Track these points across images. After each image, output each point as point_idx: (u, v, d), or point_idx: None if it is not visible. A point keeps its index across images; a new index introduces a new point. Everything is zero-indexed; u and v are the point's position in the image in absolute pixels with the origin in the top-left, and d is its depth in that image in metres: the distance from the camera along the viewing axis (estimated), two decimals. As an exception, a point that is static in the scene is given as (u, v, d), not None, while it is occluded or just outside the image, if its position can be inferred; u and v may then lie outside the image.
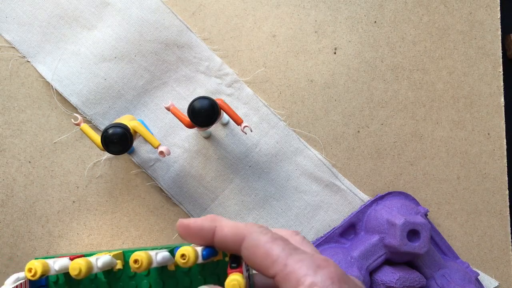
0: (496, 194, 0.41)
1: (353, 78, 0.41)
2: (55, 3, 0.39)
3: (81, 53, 0.39)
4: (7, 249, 0.39)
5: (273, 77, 0.41)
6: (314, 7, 0.41)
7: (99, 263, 0.26)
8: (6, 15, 0.39)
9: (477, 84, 0.41)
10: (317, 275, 0.20)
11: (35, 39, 0.39)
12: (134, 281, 0.28)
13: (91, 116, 0.39)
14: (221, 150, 0.40)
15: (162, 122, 0.40)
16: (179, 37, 0.40)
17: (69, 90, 0.39)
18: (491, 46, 0.41)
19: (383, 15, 0.41)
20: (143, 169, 0.40)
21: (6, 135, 0.39)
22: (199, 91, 0.40)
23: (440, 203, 0.41)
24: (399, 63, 0.41)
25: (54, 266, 0.26)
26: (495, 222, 0.40)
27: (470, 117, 0.41)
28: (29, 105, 0.40)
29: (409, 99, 0.41)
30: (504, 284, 0.40)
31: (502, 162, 0.41)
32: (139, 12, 0.39)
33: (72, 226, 0.39)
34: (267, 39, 0.41)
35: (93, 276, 0.28)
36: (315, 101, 0.41)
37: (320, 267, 0.20)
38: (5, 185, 0.39)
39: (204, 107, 0.32)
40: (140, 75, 0.40)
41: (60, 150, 0.40)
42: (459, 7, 0.41)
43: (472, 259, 0.40)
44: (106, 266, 0.26)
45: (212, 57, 0.40)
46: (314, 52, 0.41)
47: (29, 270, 0.25)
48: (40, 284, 0.28)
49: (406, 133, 0.41)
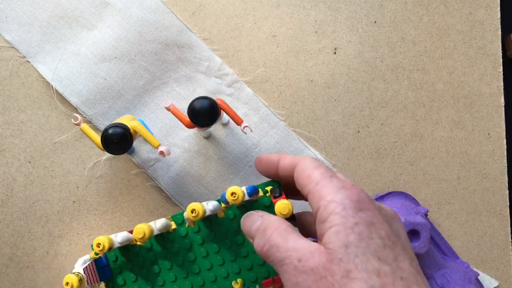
0: (496, 194, 0.41)
1: (353, 78, 0.41)
2: (55, 3, 0.39)
3: (81, 53, 0.39)
4: (7, 249, 0.39)
5: (273, 77, 0.41)
6: (314, 7, 0.41)
7: (157, 225, 0.29)
8: (6, 15, 0.39)
9: (477, 84, 0.41)
10: (338, 194, 0.22)
11: (35, 39, 0.39)
12: (187, 239, 0.31)
13: (91, 116, 0.39)
14: (221, 150, 0.40)
15: (162, 122, 0.40)
16: (179, 37, 0.40)
17: (69, 90, 0.39)
18: (491, 46, 0.41)
19: (383, 15, 0.41)
20: (143, 169, 0.40)
21: (6, 135, 0.39)
22: (199, 91, 0.40)
23: (440, 203, 0.41)
24: (399, 63, 0.41)
25: (116, 239, 0.29)
26: (495, 222, 0.40)
27: (470, 117, 0.41)
28: (29, 105, 0.40)
29: (409, 99, 0.41)
30: (504, 284, 0.40)
31: (502, 162, 0.41)
32: (139, 12, 0.39)
33: (72, 226, 0.39)
34: (267, 39, 0.41)
35: (149, 245, 0.31)
36: (315, 101, 0.41)
37: (344, 188, 0.23)
38: (5, 185, 0.39)
39: (204, 107, 0.31)
40: (140, 75, 0.40)
41: (60, 150, 0.40)
42: (459, 7, 0.41)
43: (472, 259, 0.40)
44: (163, 228, 0.30)
45: (212, 57, 0.40)
46: (314, 52, 0.41)
47: (97, 245, 0.28)
48: (103, 265, 0.31)
49: (406, 133, 0.41)
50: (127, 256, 0.32)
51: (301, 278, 0.22)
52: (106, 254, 0.31)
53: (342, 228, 0.21)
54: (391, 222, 0.23)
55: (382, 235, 0.22)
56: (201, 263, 0.31)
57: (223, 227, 0.31)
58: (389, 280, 0.20)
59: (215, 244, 0.31)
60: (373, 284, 0.20)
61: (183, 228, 0.31)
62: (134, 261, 0.31)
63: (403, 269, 0.21)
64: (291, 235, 0.24)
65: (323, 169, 0.24)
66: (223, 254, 0.31)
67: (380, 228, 0.22)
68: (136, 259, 0.32)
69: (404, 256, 0.22)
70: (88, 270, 0.30)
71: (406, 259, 0.22)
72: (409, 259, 0.22)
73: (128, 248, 0.31)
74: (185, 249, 0.31)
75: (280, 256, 0.23)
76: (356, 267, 0.21)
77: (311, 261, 0.22)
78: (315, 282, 0.21)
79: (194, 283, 0.31)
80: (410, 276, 0.21)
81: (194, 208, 0.28)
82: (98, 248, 0.29)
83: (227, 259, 0.31)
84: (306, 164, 0.25)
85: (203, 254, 0.31)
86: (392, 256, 0.21)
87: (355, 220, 0.22)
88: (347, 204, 0.22)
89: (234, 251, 0.31)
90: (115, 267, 0.32)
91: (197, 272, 0.31)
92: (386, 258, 0.21)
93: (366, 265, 0.21)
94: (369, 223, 0.22)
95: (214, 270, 0.31)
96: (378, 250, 0.21)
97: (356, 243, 0.21)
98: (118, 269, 0.31)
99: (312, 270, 0.21)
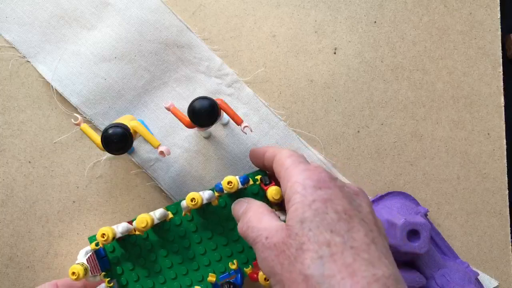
0: (496, 194, 0.41)
1: (353, 78, 0.41)
2: (55, 3, 0.39)
3: (81, 53, 0.39)
4: (7, 249, 0.39)
5: (273, 77, 0.41)
6: (314, 7, 0.41)
7: (156, 215, 0.32)
8: (6, 15, 0.39)
9: (477, 84, 0.41)
10: (300, 175, 0.25)
11: (35, 39, 0.39)
12: (182, 228, 0.33)
13: (91, 116, 0.39)
14: (221, 150, 0.40)
15: (162, 122, 0.40)
16: (179, 37, 0.40)
17: (69, 90, 0.39)
18: (491, 46, 0.41)
19: (383, 15, 0.41)
20: (143, 169, 0.40)
21: (6, 135, 0.39)
22: (199, 91, 0.40)
23: (440, 203, 0.41)
24: (399, 63, 0.41)
25: (118, 230, 0.31)
26: (495, 222, 0.40)
27: (470, 117, 0.41)
28: (29, 105, 0.40)
29: (409, 99, 0.41)
30: (504, 284, 0.40)
31: (502, 162, 0.41)
32: (139, 12, 0.39)
33: (72, 226, 0.39)
34: (267, 39, 0.41)
35: (145, 235, 0.33)
36: (315, 101, 0.41)
37: (307, 170, 0.25)
38: (5, 185, 0.39)
39: (204, 107, 0.32)
40: (140, 75, 0.40)
41: (60, 150, 0.40)
42: (459, 7, 0.41)
43: (472, 259, 0.40)
44: (162, 217, 0.32)
45: (212, 57, 0.40)
46: (314, 52, 0.41)
47: (102, 235, 0.30)
48: (101, 256, 0.33)
49: (406, 133, 0.41)
50: (124, 247, 0.33)
51: (267, 253, 0.24)
52: (104, 246, 0.33)
53: (300, 205, 0.24)
54: (352, 198, 0.25)
55: (338, 209, 0.24)
56: (195, 249, 0.33)
57: (215, 215, 0.33)
58: (339, 250, 0.22)
59: (208, 230, 0.33)
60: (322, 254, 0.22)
61: (177, 218, 0.33)
62: (132, 251, 0.33)
63: (355, 239, 0.23)
64: (266, 217, 0.27)
65: (294, 157, 0.27)
66: (216, 240, 0.33)
67: (337, 203, 0.24)
68: (133, 249, 0.33)
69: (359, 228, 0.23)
70: (91, 261, 0.32)
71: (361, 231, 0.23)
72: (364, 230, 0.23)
73: (125, 239, 0.33)
74: (180, 237, 0.33)
75: (254, 236, 0.26)
76: (309, 239, 0.23)
77: (274, 238, 0.24)
78: (276, 256, 0.24)
79: (189, 268, 0.33)
80: (362, 245, 0.23)
81: (193, 197, 0.30)
82: (102, 239, 0.30)
83: (219, 244, 0.33)
84: (281, 154, 0.28)
85: (196, 241, 0.34)
86: (345, 228, 0.23)
87: (313, 198, 0.24)
88: (307, 184, 0.25)
89: (226, 236, 0.34)
90: (113, 258, 0.33)
91: (192, 257, 0.34)
92: (339, 230, 0.23)
93: (318, 237, 0.23)
94: (326, 200, 0.24)
95: (207, 254, 0.33)
96: (332, 224, 0.23)
97: (311, 218, 0.23)
98: (116, 259, 0.33)
99: (275, 245, 0.24)
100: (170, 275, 0.33)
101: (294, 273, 0.22)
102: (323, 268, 0.22)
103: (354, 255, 0.22)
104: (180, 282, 0.33)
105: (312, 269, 0.22)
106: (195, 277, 0.33)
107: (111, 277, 0.33)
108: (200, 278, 0.34)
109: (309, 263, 0.22)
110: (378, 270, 0.22)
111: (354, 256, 0.22)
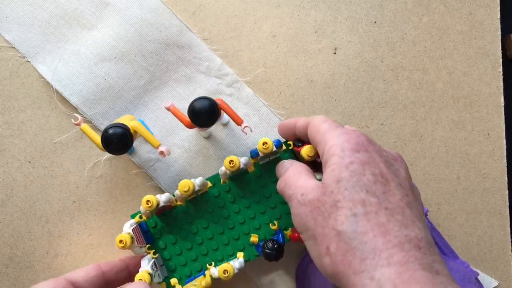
0: (496, 194, 0.41)
1: (353, 78, 0.41)
2: (55, 3, 0.39)
3: (81, 53, 0.39)
4: (7, 249, 0.39)
5: (273, 77, 0.41)
6: (314, 7, 0.41)
7: (197, 182, 0.33)
8: (6, 15, 0.39)
9: (477, 84, 0.41)
10: (338, 138, 0.25)
11: (35, 39, 0.39)
12: (220, 199, 0.35)
13: (91, 116, 0.39)
14: (221, 150, 0.40)
15: (162, 122, 0.40)
16: (179, 37, 0.40)
17: (69, 90, 0.39)
18: (491, 46, 0.41)
19: (383, 15, 0.41)
20: (143, 169, 0.40)
21: (6, 135, 0.39)
22: (199, 91, 0.40)
23: (440, 203, 0.41)
24: (399, 63, 0.41)
25: (161, 199, 0.32)
26: (495, 222, 0.40)
27: (470, 117, 0.41)
28: (29, 105, 0.40)
29: (409, 99, 0.41)
30: (504, 284, 0.40)
31: (502, 162, 0.41)
32: (139, 12, 0.39)
33: (72, 226, 0.39)
34: (267, 39, 0.41)
35: (185, 209, 0.35)
36: (315, 101, 0.41)
37: (345, 134, 0.25)
38: (5, 185, 0.39)
39: (205, 108, 0.32)
40: (140, 75, 0.40)
41: (60, 150, 0.40)
42: (459, 7, 0.41)
43: (472, 259, 0.40)
44: (202, 185, 0.33)
45: (212, 57, 0.40)
46: (314, 52, 0.41)
47: (147, 202, 0.31)
48: (144, 231, 0.34)
49: (406, 133, 0.41)
50: (166, 221, 0.35)
51: (301, 209, 0.25)
52: (146, 222, 0.34)
53: (337, 166, 0.24)
54: (390, 163, 0.25)
55: (376, 172, 0.24)
56: (234, 218, 0.35)
57: (251, 184, 0.35)
58: (373, 209, 0.22)
59: (245, 199, 0.35)
60: (356, 212, 0.22)
61: (215, 189, 0.35)
62: (173, 225, 0.35)
63: (390, 201, 0.23)
64: (303, 176, 0.27)
65: (330, 122, 0.27)
66: (254, 208, 0.35)
67: (375, 166, 0.24)
68: (175, 222, 0.35)
69: (395, 192, 0.24)
70: (136, 232, 0.33)
71: (397, 194, 0.23)
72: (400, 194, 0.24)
73: (166, 214, 0.35)
74: (219, 208, 0.35)
75: (290, 192, 0.26)
76: (344, 197, 0.23)
77: (310, 195, 0.25)
78: (310, 212, 0.24)
79: (230, 238, 0.35)
80: (397, 208, 0.23)
81: (232, 159, 0.32)
82: (147, 205, 0.31)
83: (257, 212, 0.35)
84: (316, 120, 0.28)
85: (235, 210, 0.35)
86: (381, 190, 0.23)
87: (351, 160, 0.24)
88: (345, 146, 0.25)
89: (263, 204, 0.35)
90: (155, 233, 0.35)
91: (232, 227, 0.35)
92: (375, 191, 0.23)
93: (353, 196, 0.23)
94: (364, 162, 0.24)
95: (247, 223, 0.35)
96: (368, 184, 0.23)
97: (347, 178, 0.23)
98: (159, 234, 0.35)
99: (310, 201, 0.25)
100: (212, 246, 0.35)
101: (327, 228, 0.23)
102: (356, 225, 0.22)
103: (388, 216, 0.22)
104: (222, 252, 0.35)
105: (345, 225, 0.22)
106: (236, 246, 0.35)
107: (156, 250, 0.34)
108: (242, 247, 0.35)
109: (343, 219, 0.22)
110: (411, 232, 0.22)
111: (388, 217, 0.22)
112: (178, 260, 0.35)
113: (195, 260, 0.35)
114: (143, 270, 0.31)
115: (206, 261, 0.35)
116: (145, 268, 0.32)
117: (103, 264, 0.33)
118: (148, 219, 0.34)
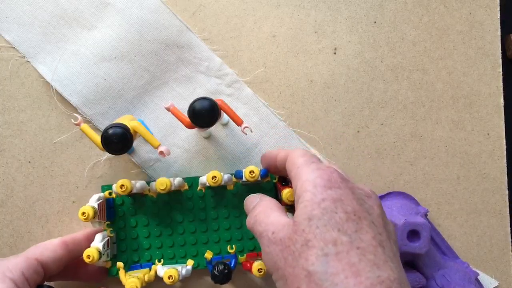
0: (496, 194, 0.41)
1: (353, 78, 0.41)
2: (55, 3, 0.39)
3: (81, 53, 0.39)
4: (7, 249, 0.39)
5: (273, 77, 0.41)
6: (314, 7, 0.41)
7: (175, 182, 0.34)
8: (6, 15, 0.39)
9: (476, 84, 0.41)
10: (312, 174, 0.25)
11: (35, 39, 0.39)
12: (191, 202, 0.36)
13: (91, 116, 0.39)
14: (221, 150, 0.40)
15: (162, 122, 0.40)
16: (179, 37, 0.40)
17: (69, 90, 0.39)
18: (490, 46, 0.41)
19: (383, 15, 0.41)
20: (143, 169, 0.40)
21: (6, 135, 0.39)
22: (199, 91, 0.40)
23: (440, 203, 0.41)
24: (399, 63, 0.41)
25: (136, 185, 0.33)
26: (495, 222, 0.40)
27: (470, 117, 0.41)
28: (29, 105, 0.40)
29: (409, 99, 0.41)
30: (504, 284, 0.40)
31: (502, 162, 0.41)
32: (139, 12, 0.39)
33: (72, 226, 0.39)
34: (267, 39, 0.41)
35: (155, 199, 0.36)
36: (315, 101, 0.41)
37: (318, 169, 0.25)
38: (5, 185, 0.39)
39: (205, 108, 0.32)
40: (140, 75, 0.40)
41: (60, 150, 0.40)
42: (459, 7, 0.41)
43: (472, 259, 0.40)
44: (179, 185, 0.34)
45: (212, 57, 0.40)
46: (314, 52, 0.41)
47: (121, 186, 0.32)
48: (110, 206, 0.35)
49: (406, 133, 0.41)
50: (134, 204, 0.36)
51: (272, 248, 0.24)
52: (114, 198, 0.35)
53: (309, 203, 0.24)
54: (363, 200, 0.25)
55: (348, 210, 0.23)
56: (198, 224, 0.36)
57: (225, 199, 0.36)
58: (345, 249, 0.22)
59: (215, 211, 0.36)
60: (327, 252, 0.22)
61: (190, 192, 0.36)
62: (138, 209, 0.36)
63: (362, 240, 0.22)
64: (275, 212, 0.27)
65: (307, 157, 0.27)
66: (219, 222, 0.36)
67: (347, 204, 0.24)
68: (141, 207, 0.36)
69: (367, 230, 0.23)
70: (100, 207, 0.33)
71: (369, 233, 0.23)
72: (373, 233, 0.23)
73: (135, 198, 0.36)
74: (187, 210, 0.36)
75: (261, 229, 0.26)
76: (315, 236, 0.22)
77: (281, 233, 0.24)
78: (281, 251, 0.24)
79: (187, 240, 0.36)
80: (369, 247, 0.22)
81: (215, 175, 0.32)
82: (121, 190, 0.32)
83: (222, 227, 0.36)
84: (294, 154, 0.28)
85: (202, 218, 0.36)
86: (353, 229, 0.23)
87: (323, 196, 0.24)
88: (318, 183, 0.24)
89: (230, 221, 0.36)
90: (129, 210, 0.36)
91: (193, 231, 0.36)
92: (347, 229, 0.23)
93: (325, 235, 0.22)
94: (335, 199, 0.24)
95: (208, 233, 0.36)
96: (340, 223, 0.23)
97: (319, 216, 0.23)
98: (134, 212, 0.36)
99: (281, 240, 0.24)
100: (167, 243, 0.36)
101: (297, 269, 0.22)
102: (327, 265, 0.21)
103: (360, 256, 0.22)
104: (175, 252, 0.36)
105: (316, 266, 0.22)
106: (190, 251, 0.36)
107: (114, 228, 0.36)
108: (195, 253, 0.36)
109: (314, 259, 0.22)
110: (383, 273, 0.21)
111: (359, 257, 0.22)
112: (131, 243, 0.35)
113: (148, 249, 0.35)
114: (94, 246, 0.32)
115: (157, 255, 0.35)
116: (96, 245, 0.32)
117: (69, 241, 0.34)
118: (116, 196, 0.35)
